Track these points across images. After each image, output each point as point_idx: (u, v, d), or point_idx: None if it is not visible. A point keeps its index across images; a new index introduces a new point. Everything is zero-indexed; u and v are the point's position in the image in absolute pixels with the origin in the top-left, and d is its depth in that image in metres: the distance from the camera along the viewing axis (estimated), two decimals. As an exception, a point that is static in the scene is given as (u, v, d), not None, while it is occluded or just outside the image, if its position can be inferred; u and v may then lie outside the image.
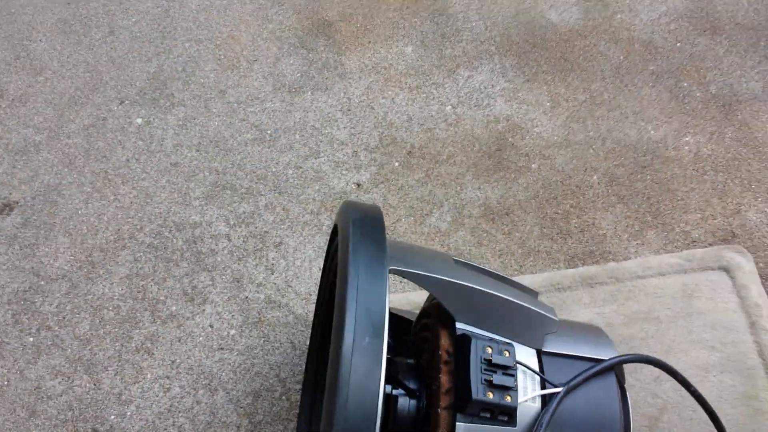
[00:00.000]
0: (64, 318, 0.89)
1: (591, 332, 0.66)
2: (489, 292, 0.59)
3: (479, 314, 0.59)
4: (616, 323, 0.82)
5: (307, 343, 0.85)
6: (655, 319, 0.82)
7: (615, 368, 0.62)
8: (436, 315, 0.61)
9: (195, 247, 0.94)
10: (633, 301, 0.83)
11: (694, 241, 0.88)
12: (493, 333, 0.59)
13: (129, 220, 0.97)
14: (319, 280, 0.89)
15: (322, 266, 0.90)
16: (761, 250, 0.87)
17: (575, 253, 0.88)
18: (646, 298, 0.83)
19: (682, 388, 0.65)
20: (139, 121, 1.09)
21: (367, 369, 0.48)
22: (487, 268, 0.66)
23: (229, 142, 1.05)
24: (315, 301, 0.88)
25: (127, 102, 1.11)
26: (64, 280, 0.92)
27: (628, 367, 0.78)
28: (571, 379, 0.59)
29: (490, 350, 0.56)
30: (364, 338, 0.49)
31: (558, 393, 0.57)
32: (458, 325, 0.59)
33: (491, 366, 0.56)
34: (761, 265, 0.85)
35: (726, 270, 0.84)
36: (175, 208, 0.98)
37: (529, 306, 0.61)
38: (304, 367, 0.83)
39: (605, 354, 0.63)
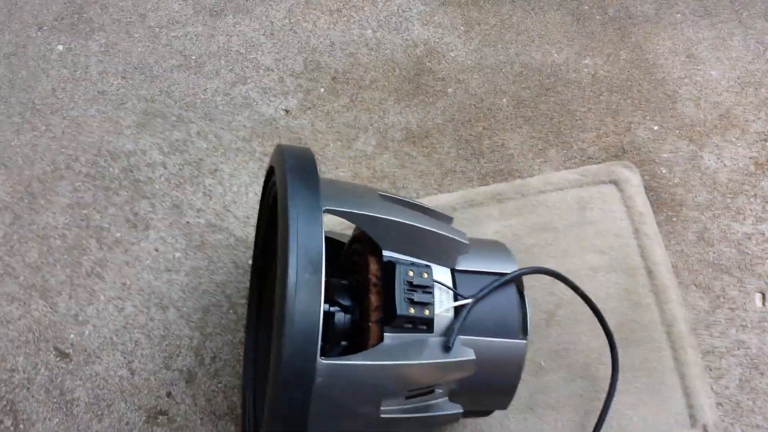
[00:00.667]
0: (12, 248, 0.94)
1: (496, 249, 0.77)
2: (409, 224, 0.69)
3: (402, 243, 0.69)
4: (521, 234, 0.94)
5: (249, 262, 0.93)
6: (553, 229, 0.94)
7: (515, 279, 0.73)
8: (365, 242, 0.71)
9: (132, 175, 0.99)
10: (535, 214, 0.95)
11: (590, 158, 1.00)
12: (414, 257, 0.69)
13: (63, 150, 1.01)
14: (256, 205, 0.97)
15: (257, 191, 0.97)
16: (647, 164, 0.99)
17: (487, 172, 0.99)
18: (547, 210, 0.95)
19: (573, 289, 0.79)
20: (61, 48, 1.10)
21: (309, 302, 0.58)
22: (407, 199, 0.75)
23: (154, 68, 1.08)
24: (254, 224, 0.95)
25: (45, 28, 1.11)
26: (7, 211, 0.96)
27: (529, 272, 0.91)
28: (478, 292, 0.70)
29: (411, 273, 0.67)
30: (305, 275, 0.58)
31: (467, 304, 0.69)
32: (384, 253, 0.68)
33: (413, 287, 0.66)
34: (646, 177, 0.98)
35: (616, 183, 0.97)
36: (107, 138, 1.02)
37: (444, 233, 0.71)
38: (247, 284, 0.92)
39: (508, 268, 0.74)
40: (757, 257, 0.93)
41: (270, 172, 0.78)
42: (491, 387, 0.71)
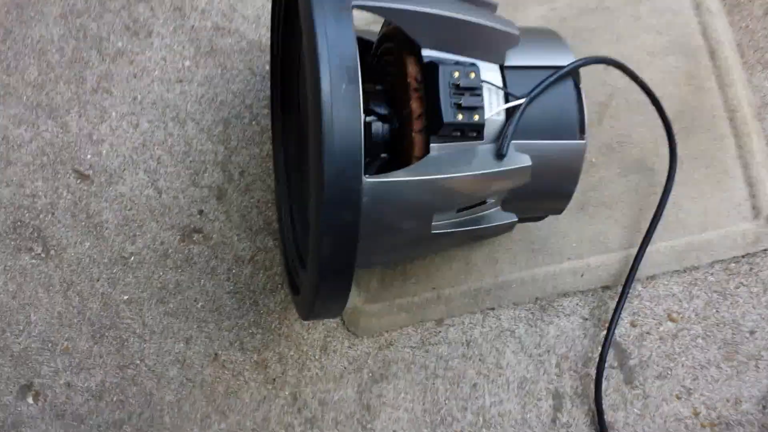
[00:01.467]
0: (8, 66, 0.86)
1: (548, 38, 0.68)
2: (451, 16, 0.59)
3: (443, 39, 0.60)
4: (569, 17, 0.83)
5: (266, 68, 0.85)
6: (605, 9, 0.83)
7: (572, 72, 0.65)
8: (399, 41, 0.62)
9: (126, -27, 0.87)
10: (586, -9, 0.83)
11: None
12: (458, 55, 0.61)
13: (43, -53, 0.88)
14: (266, 2, 0.85)
15: (267, -17, 0.86)
16: None
17: (528, -57, 0.85)
18: (599, -15, 0.83)
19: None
20: None
21: (348, 116, 0.50)
22: (446, -17, 0.64)
23: None
24: (266, 24, 0.85)
25: None
26: (-6, 24, 0.87)
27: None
28: (532, 90, 0.62)
29: (457, 74, 0.58)
30: (341, 85, 0.50)
31: (520, 105, 0.61)
32: (424, 52, 0.59)
33: (459, 90, 0.58)
34: (713, -63, 0.84)
35: (678, -52, 0.83)
36: (91, -72, 0.88)
37: (491, 24, 0.61)
38: (267, 92, 0.84)
39: (563, 60, 0.65)
40: (838, 26, 0.82)
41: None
42: (547, 193, 0.66)
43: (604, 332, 0.78)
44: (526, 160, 0.60)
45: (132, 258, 0.81)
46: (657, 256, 0.78)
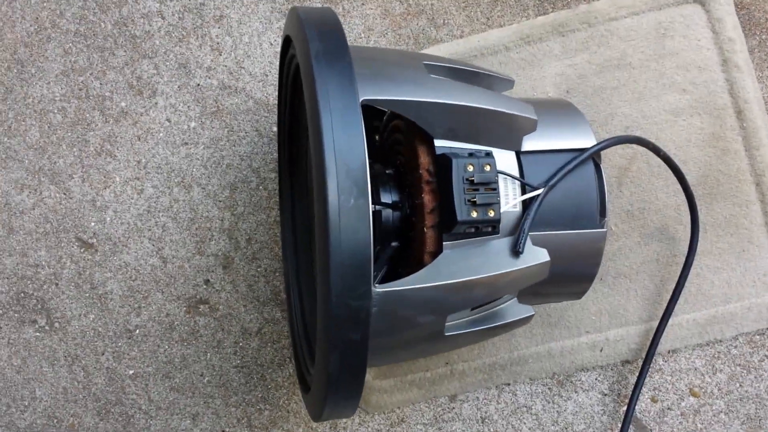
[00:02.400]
0: (10, 127, 0.83)
1: (566, 115, 0.65)
2: (465, 105, 0.56)
3: (457, 128, 0.57)
4: (589, 74, 0.80)
5: (273, 129, 0.82)
6: (627, 65, 0.79)
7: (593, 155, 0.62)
8: (409, 126, 0.59)
9: (127, 30, 0.84)
10: (605, 47, 0.80)
11: (671, -32, 0.81)
12: (473, 144, 0.58)
13: (45, 4, 0.85)
14: (273, 59, 0.83)
15: (272, 41, 0.83)
16: (740, -29, 0.81)
17: (545, -4, 0.82)
18: (619, 42, 0.80)
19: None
20: None
21: (356, 231, 0.48)
22: (459, 65, 0.61)
23: None
24: (273, 83, 0.82)
25: None
26: (-5, 84, 0.84)
27: (598, 122, 0.79)
28: (551, 177, 0.59)
29: (471, 168, 0.56)
30: (350, 200, 0.48)
31: (538, 195, 0.58)
32: (437, 143, 0.57)
33: (474, 185, 0.55)
34: (738, -11, 0.81)
35: (701, 2, 0.80)
36: (92, -17, 0.86)
37: (507, 110, 0.58)
38: (274, 154, 0.81)
39: (583, 141, 0.62)
40: None
41: (286, 41, 0.64)
42: (566, 283, 0.63)
43: (624, 408, 0.75)
44: (544, 256, 0.57)
45: (137, 331, 0.79)
46: (679, 329, 0.76)
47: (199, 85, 0.83)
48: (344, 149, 0.49)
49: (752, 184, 0.77)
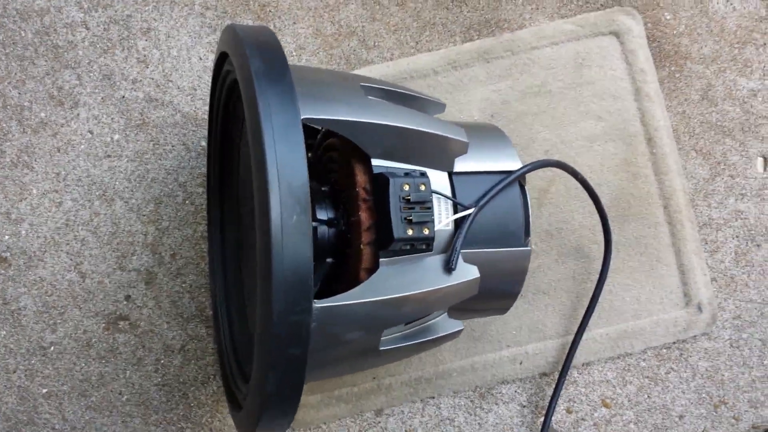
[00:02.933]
0: None
1: (494, 139, 0.68)
2: (402, 127, 0.58)
3: (393, 148, 0.58)
4: (512, 99, 0.83)
5: (202, 144, 0.81)
6: (547, 93, 0.84)
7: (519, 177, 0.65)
8: (346, 146, 0.60)
9: (49, 39, 0.81)
10: (527, 75, 0.84)
11: (588, 2, 0.86)
12: (408, 164, 0.60)
13: (-44, 5, 0.81)
14: (202, 73, 0.82)
15: (202, 55, 0.82)
16: (650, 9, 0.87)
17: (471, 24, 0.85)
18: (540, 70, 0.84)
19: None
20: None
21: (298, 249, 0.48)
22: (394, 88, 0.63)
23: None
24: (201, 97, 0.81)
25: None
26: None
27: (521, 146, 0.82)
28: (480, 197, 0.62)
29: (407, 187, 0.57)
30: (292, 216, 0.48)
31: (469, 214, 0.61)
32: (374, 162, 0.58)
33: (409, 204, 0.57)
34: (649, 25, 0.86)
35: (616, 35, 0.85)
36: (10, -14, 0.82)
37: (441, 133, 0.60)
38: (202, 169, 0.80)
39: (510, 164, 0.65)
40: (762, 117, 0.85)
41: (220, 57, 0.64)
42: (494, 297, 0.66)
43: (542, 419, 0.78)
44: (474, 272, 0.60)
45: (52, 348, 0.76)
46: (592, 343, 0.80)
47: (124, 97, 0.81)
48: (286, 166, 0.49)
49: (661, 207, 0.82)
